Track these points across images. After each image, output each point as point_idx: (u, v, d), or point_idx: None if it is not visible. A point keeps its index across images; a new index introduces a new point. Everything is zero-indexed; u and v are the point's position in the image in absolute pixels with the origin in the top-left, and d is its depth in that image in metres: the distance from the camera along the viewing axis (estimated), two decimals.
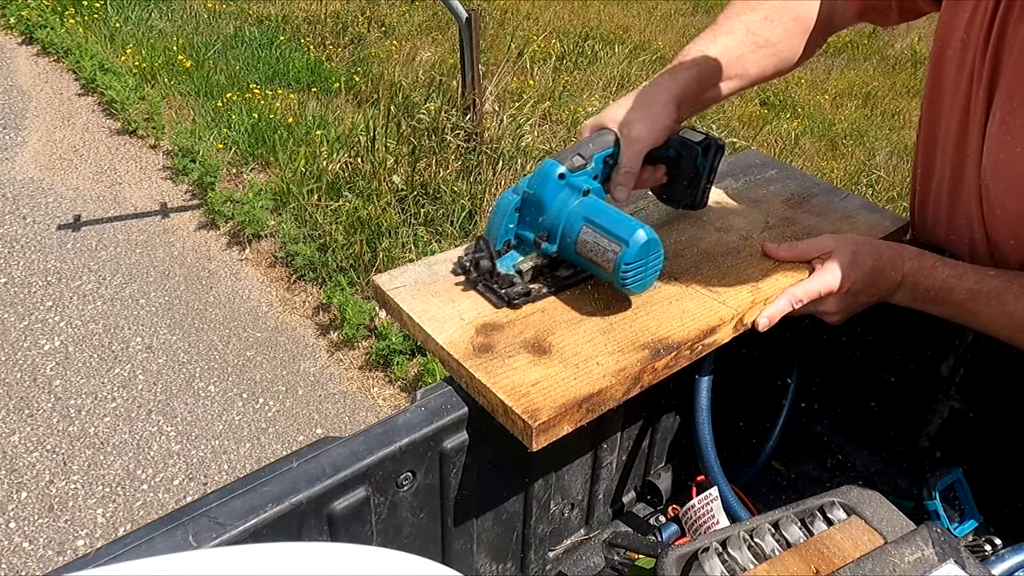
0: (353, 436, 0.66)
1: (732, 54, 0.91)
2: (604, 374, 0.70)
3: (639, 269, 0.73)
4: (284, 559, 0.45)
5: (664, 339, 0.75)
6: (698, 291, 0.83)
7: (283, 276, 3.16)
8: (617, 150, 0.82)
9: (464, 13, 3.04)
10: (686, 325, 0.77)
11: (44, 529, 2.10)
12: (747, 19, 0.94)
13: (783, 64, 0.98)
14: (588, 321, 0.78)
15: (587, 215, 0.75)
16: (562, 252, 0.78)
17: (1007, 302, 0.79)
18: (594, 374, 0.70)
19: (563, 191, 0.77)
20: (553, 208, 0.77)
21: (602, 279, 0.78)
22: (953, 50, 0.85)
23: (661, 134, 0.83)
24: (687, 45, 0.93)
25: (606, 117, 0.84)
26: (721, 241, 0.93)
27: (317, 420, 2.53)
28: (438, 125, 3.37)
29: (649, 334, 0.76)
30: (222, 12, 5.48)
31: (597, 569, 0.92)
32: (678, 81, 0.86)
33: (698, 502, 0.85)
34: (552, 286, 0.80)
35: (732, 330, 0.80)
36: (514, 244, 0.79)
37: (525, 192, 0.78)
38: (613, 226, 0.74)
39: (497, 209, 0.78)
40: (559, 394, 0.68)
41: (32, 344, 2.73)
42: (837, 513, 0.64)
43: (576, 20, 6.09)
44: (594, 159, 0.80)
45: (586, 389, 0.69)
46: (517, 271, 0.79)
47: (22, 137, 3.97)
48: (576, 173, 0.78)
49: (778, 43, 0.95)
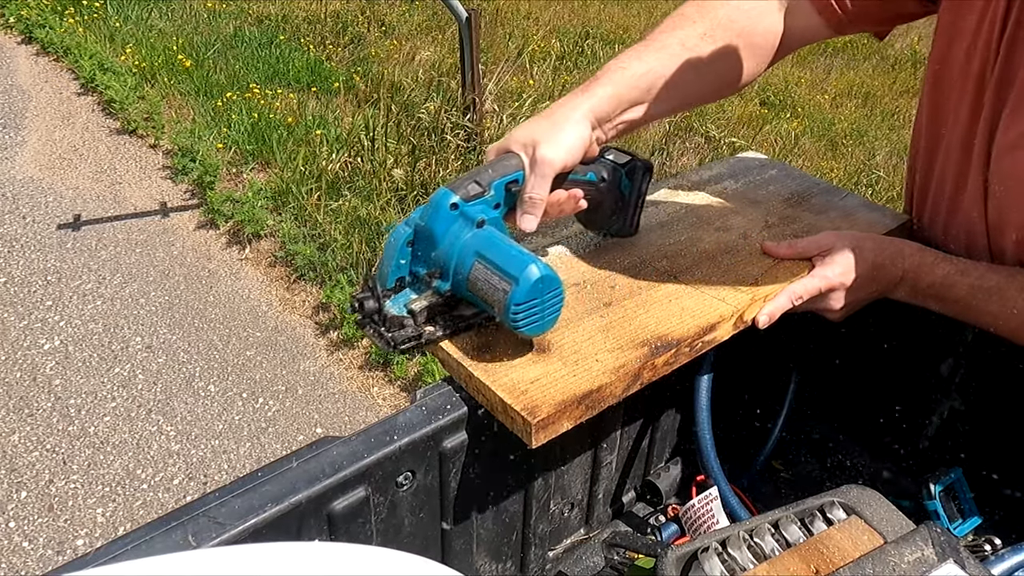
0: (353, 436, 0.66)
1: (659, 72, 0.83)
2: (603, 371, 0.70)
3: (532, 310, 0.66)
4: (284, 559, 0.45)
5: (663, 336, 0.75)
6: (698, 289, 0.83)
7: (283, 276, 3.16)
8: (522, 175, 0.74)
9: (464, 13, 3.04)
10: (685, 322, 0.77)
11: (44, 529, 2.10)
12: (682, 34, 0.86)
13: (722, 85, 0.91)
14: (587, 319, 0.78)
15: (478, 249, 0.67)
16: (455, 289, 0.70)
17: (1009, 297, 0.79)
18: (593, 371, 0.70)
19: (456, 223, 0.69)
20: (445, 242, 0.69)
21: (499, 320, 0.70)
22: (958, 54, 0.84)
23: (571, 156, 0.75)
24: (612, 59, 0.84)
25: (512, 139, 0.76)
26: (721, 240, 0.93)
27: (317, 420, 2.53)
28: (438, 125, 3.37)
29: (648, 331, 0.76)
30: (222, 12, 5.48)
31: (597, 569, 0.92)
32: (591, 98, 0.78)
33: (698, 502, 0.85)
34: (449, 327, 0.72)
35: (732, 327, 0.80)
36: (408, 282, 0.71)
37: (417, 224, 0.69)
38: (503, 261, 0.66)
39: (388, 244, 0.70)
40: (558, 391, 0.68)
41: (32, 343, 2.73)
42: (837, 513, 0.64)
43: (576, 20, 6.09)
44: (493, 186, 0.72)
45: (585, 386, 0.69)
46: (409, 311, 0.70)
47: (22, 136, 3.97)
48: (472, 202, 0.70)
49: (717, 62, 0.86)
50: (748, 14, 0.89)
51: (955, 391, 0.96)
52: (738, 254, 0.90)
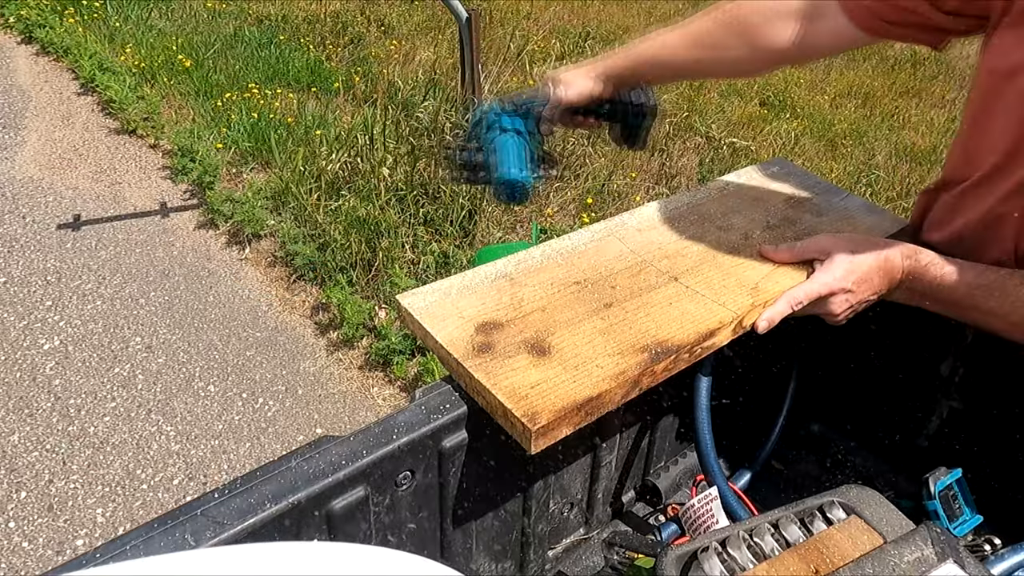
0: (352, 435, 0.66)
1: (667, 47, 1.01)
2: (604, 377, 0.70)
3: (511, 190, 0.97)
4: (283, 558, 0.45)
5: (664, 342, 0.75)
6: (698, 292, 0.83)
7: (283, 276, 3.15)
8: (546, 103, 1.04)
9: (464, 13, 3.04)
10: (685, 328, 0.77)
11: (43, 529, 2.10)
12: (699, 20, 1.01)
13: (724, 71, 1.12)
14: (588, 322, 0.77)
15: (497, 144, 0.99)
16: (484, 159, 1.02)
17: (1009, 292, 0.79)
18: (594, 377, 0.70)
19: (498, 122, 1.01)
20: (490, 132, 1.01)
21: None
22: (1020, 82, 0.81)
23: (578, 99, 1.02)
24: None
25: (550, 76, 1.04)
26: (722, 240, 0.93)
27: (317, 420, 2.53)
28: (437, 125, 3.37)
29: (649, 336, 0.76)
30: (222, 12, 5.48)
31: (596, 568, 0.92)
32: (607, 59, 1.04)
33: (698, 502, 0.85)
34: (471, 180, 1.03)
35: (731, 333, 0.80)
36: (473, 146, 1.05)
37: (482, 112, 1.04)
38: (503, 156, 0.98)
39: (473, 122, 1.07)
40: (558, 397, 0.68)
41: (32, 343, 2.73)
42: (837, 513, 0.64)
43: (576, 20, 6.09)
44: (525, 104, 1.03)
45: (585, 392, 0.68)
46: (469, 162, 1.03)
47: (22, 136, 3.97)
48: (507, 113, 1.02)
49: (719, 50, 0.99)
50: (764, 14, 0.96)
51: (955, 391, 0.96)
52: (739, 255, 0.90)
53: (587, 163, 3.78)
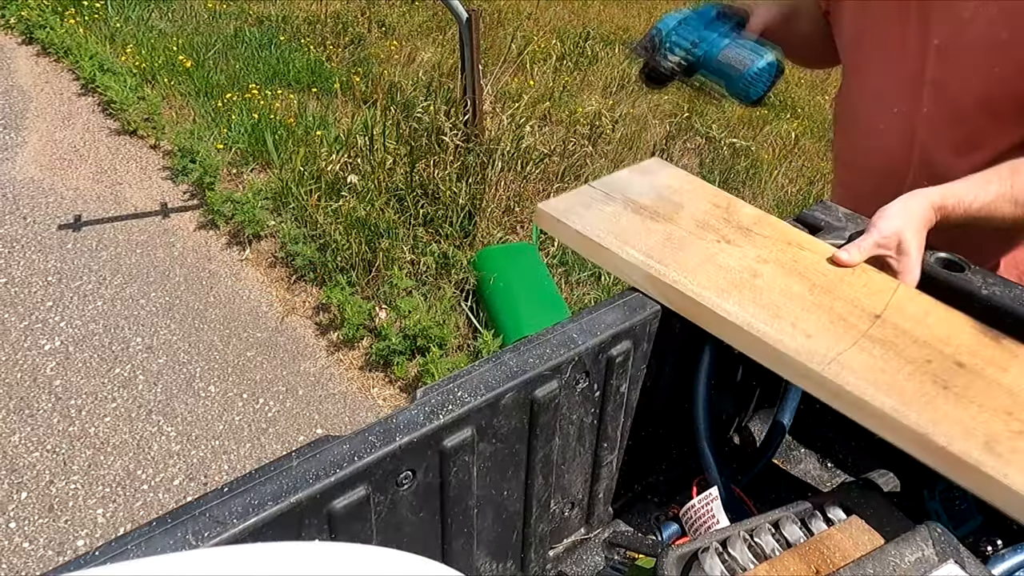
0: (353, 435, 0.66)
1: None
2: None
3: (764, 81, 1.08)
4: (284, 558, 0.45)
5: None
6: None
7: (283, 276, 3.16)
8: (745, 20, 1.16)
9: (464, 13, 3.04)
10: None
11: (44, 529, 2.10)
12: None
13: None
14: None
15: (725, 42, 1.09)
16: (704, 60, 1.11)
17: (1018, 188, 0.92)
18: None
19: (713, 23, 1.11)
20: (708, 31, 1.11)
21: None
22: None
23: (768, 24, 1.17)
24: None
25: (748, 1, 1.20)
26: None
27: (317, 420, 2.53)
28: (437, 125, 3.37)
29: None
30: (222, 12, 5.48)
31: (597, 568, 0.92)
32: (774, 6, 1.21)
33: (698, 502, 0.85)
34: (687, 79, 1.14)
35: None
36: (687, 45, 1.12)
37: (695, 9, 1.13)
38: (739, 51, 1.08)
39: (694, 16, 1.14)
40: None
41: (32, 344, 2.73)
42: (837, 513, 0.64)
43: (576, 20, 6.09)
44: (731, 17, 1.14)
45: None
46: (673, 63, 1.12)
47: (22, 137, 3.97)
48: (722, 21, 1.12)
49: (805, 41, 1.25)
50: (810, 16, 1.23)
51: None
52: None
53: (587, 163, 3.78)
